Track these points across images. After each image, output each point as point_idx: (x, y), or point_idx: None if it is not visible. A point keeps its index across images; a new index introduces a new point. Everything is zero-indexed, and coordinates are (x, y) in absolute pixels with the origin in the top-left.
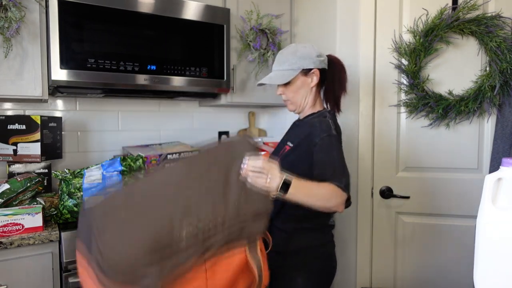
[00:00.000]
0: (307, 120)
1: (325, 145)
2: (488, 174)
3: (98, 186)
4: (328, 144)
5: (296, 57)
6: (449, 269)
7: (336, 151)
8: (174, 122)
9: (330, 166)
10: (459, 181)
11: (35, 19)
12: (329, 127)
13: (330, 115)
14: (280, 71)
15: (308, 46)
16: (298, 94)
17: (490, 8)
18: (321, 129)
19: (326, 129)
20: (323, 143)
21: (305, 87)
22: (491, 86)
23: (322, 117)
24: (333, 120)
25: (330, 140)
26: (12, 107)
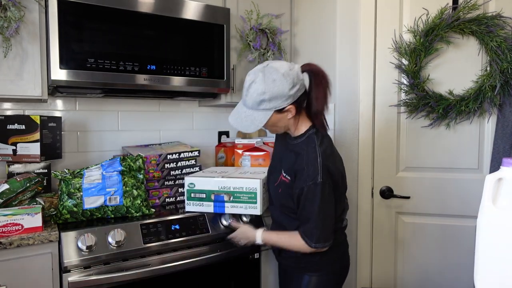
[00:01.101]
0: (296, 147)
1: (309, 195)
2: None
3: (98, 186)
4: (312, 193)
5: (265, 100)
6: (449, 269)
7: (318, 203)
8: (174, 122)
9: (307, 218)
10: (459, 181)
11: (35, 19)
12: (316, 171)
13: (317, 138)
14: (248, 116)
15: (278, 76)
16: (277, 126)
17: (490, 7)
18: (308, 175)
19: (313, 175)
20: (308, 191)
21: (282, 121)
22: (492, 86)
23: (309, 148)
24: (322, 149)
25: (315, 189)
26: (12, 107)
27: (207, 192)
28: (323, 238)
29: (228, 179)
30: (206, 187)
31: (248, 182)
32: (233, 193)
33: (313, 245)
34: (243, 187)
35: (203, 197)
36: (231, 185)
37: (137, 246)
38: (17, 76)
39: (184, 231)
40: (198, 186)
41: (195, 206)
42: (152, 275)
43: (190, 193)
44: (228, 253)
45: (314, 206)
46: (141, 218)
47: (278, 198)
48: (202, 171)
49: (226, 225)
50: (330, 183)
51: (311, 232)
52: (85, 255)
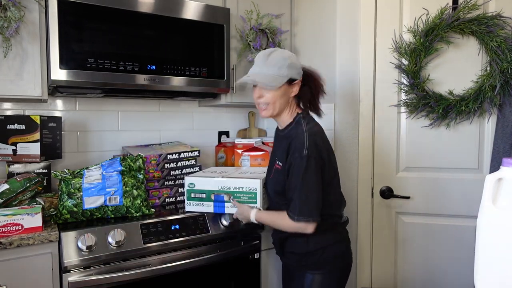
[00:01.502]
0: (287, 134)
1: (295, 168)
2: (489, 174)
3: (98, 186)
4: (298, 166)
5: (286, 64)
6: (449, 269)
7: (300, 175)
8: (174, 122)
9: (293, 193)
10: (459, 181)
11: (35, 19)
12: (302, 144)
13: (304, 120)
14: (269, 74)
15: (293, 54)
16: (279, 101)
17: (490, 7)
18: (295, 148)
19: (299, 147)
20: (294, 165)
21: (286, 95)
22: (492, 86)
23: (298, 129)
24: (309, 126)
25: (300, 162)
26: (12, 107)
27: (207, 192)
28: (307, 212)
29: (228, 179)
30: (206, 187)
31: (248, 182)
32: (233, 193)
33: (296, 218)
34: (243, 187)
35: (203, 197)
36: (231, 185)
37: (137, 246)
38: (17, 76)
39: (184, 231)
40: (198, 186)
41: (195, 206)
42: (152, 275)
43: (190, 193)
44: (228, 253)
45: (298, 179)
46: (141, 218)
47: (272, 188)
48: (202, 171)
49: (226, 225)
50: (317, 158)
51: (294, 205)
52: (85, 255)
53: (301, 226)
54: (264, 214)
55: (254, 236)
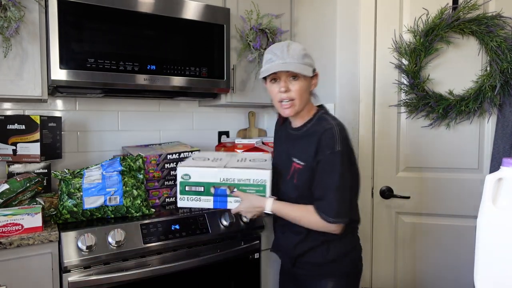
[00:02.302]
0: (309, 131)
1: (327, 165)
2: (489, 174)
3: (98, 186)
4: (331, 164)
5: (307, 54)
6: (449, 269)
7: (337, 173)
8: (174, 122)
9: (325, 190)
10: (459, 181)
11: (35, 19)
12: (333, 140)
13: (328, 116)
14: (298, 64)
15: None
16: (305, 95)
17: (490, 8)
18: (326, 144)
19: (330, 143)
20: (325, 162)
21: (308, 90)
22: (492, 86)
23: (323, 124)
24: (336, 122)
25: (333, 159)
26: (12, 107)
27: (206, 185)
28: (344, 213)
29: (232, 169)
30: (205, 179)
31: (256, 173)
32: (238, 186)
33: (331, 220)
34: (250, 179)
35: (201, 191)
36: (235, 177)
37: (137, 246)
38: (17, 76)
39: (184, 231)
40: (194, 178)
41: (190, 201)
42: (152, 275)
43: (184, 186)
44: (228, 253)
45: (333, 177)
46: (141, 218)
47: (294, 191)
48: (192, 158)
49: (226, 225)
50: (349, 154)
51: (330, 206)
52: (85, 255)
53: (333, 227)
54: (286, 206)
55: (254, 236)
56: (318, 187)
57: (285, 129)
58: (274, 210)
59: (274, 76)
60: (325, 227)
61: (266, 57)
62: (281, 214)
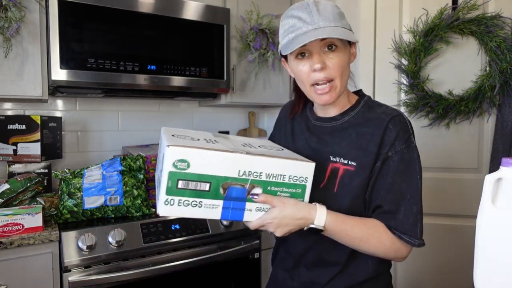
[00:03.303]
0: (358, 119)
1: (402, 165)
2: (488, 174)
3: (98, 186)
4: (407, 162)
5: (342, 14)
6: (449, 269)
7: (416, 176)
8: (174, 122)
9: (401, 203)
10: (459, 181)
11: (35, 19)
12: (407, 129)
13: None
14: (340, 27)
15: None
16: (345, 73)
17: (490, 8)
18: (398, 135)
19: (405, 135)
20: (399, 159)
21: (349, 64)
22: (491, 86)
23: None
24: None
25: (410, 155)
26: (12, 107)
27: (215, 181)
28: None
29: (259, 157)
30: (214, 171)
31: (297, 166)
32: (265, 185)
33: (417, 242)
34: (285, 175)
35: (205, 191)
36: (264, 170)
37: (137, 246)
38: (17, 76)
39: (184, 231)
40: (196, 168)
41: (182, 207)
42: (152, 275)
43: (177, 181)
44: (228, 253)
45: (412, 182)
46: (141, 218)
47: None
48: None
49: (226, 224)
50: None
51: (413, 222)
52: (86, 255)
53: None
54: (345, 218)
55: (254, 236)
56: (388, 195)
57: (303, 120)
58: (329, 225)
59: (302, 49)
60: (397, 253)
61: (288, 23)
62: (335, 232)
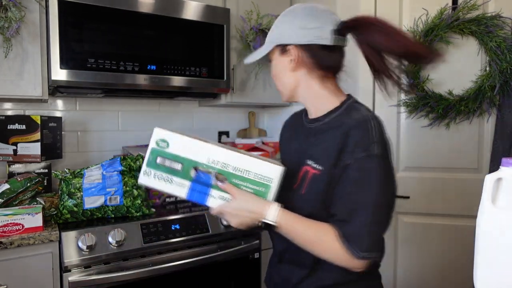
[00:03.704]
0: (334, 123)
1: (359, 174)
2: (488, 174)
3: (98, 186)
4: (365, 172)
5: (275, 24)
6: (449, 269)
7: (373, 187)
8: (174, 122)
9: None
10: (459, 181)
11: (35, 19)
12: (370, 137)
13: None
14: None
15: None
16: (278, 79)
17: (490, 8)
18: (358, 142)
19: (366, 142)
20: (357, 168)
21: (285, 71)
22: (491, 86)
23: (355, 115)
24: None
25: (369, 164)
26: (12, 107)
27: (187, 163)
28: (377, 245)
29: (230, 152)
30: (188, 154)
31: (264, 166)
32: (230, 177)
33: (361, 255)
34: (251, 172)
35: (177, 170)
36: (232, 163)
37: (137, 246)
38: (17, 76)
39: (184, 231)
40: (173, 149)
41: (157, 179)
42: (152, 275)
43: (156, 157)
44: (228, 253)
45: (367, 192)
46: (141, 218)
47: (301, 207)
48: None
49: (226, 224)
50: (389, 162)
51: (360, 233)
52: (86, 255)
53: (357, 264)
54: (299, 219)
55: (254, 236)
56: (342, 203)
57: (300, 123)
58: (280, 222)
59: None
60: (346, 262)
61: None
62: (287, 231)
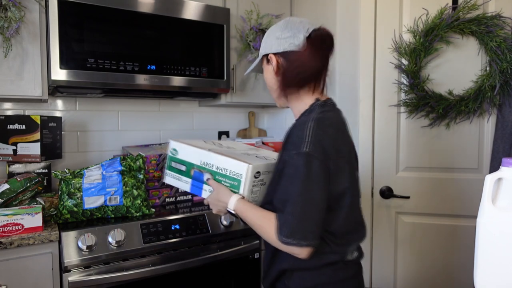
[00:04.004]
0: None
1: (290, 169)
2: (488, 174)
3: (98, 186)
4: (294, 167)
5: (263, 39)
6: (449, 269)
7: (299, 180)
8: (174, 122)
9: (284, 200)
10: (459, 181)
11: (35, 19)
12: (303, 137)
13: (323, 107)
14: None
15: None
16: (268, 86)
17: (490, 8)
18: (293, 141)
19: (298, 141)
20: (289, 163)
21: (271, 77)
22: (491, 86)
23: (306, 117)
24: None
25: (297, 161)
26: (12, 107)
27: (188, 165)
28: (300, 233)
29: (213, 154)
30: (188, 159)
31: (234, 164)
32: (215, 174)
33: (281, 238)
34: (227, 169)
35: (183, 170)
36: (214, 163)
37: (137, 246)
38: (17, 76)
39: (184, 231)
40: (180, 155)
41: (173, 178)
42: (152, 275)
43: (171, 161)
44: (228, 253)
45: (294, 185)
46: (141, 218)
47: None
48: (204, 141)
49: (226, 225)
50: (323, 160)
51: (285, 221)
52: (85, 255)
53: (291, 249)
54: (250, 208)
55: (254, 236)
56: (279, 195)
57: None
58: (236, 209)
59: None
60: (276, 243)
61: None
62: (243, 217)
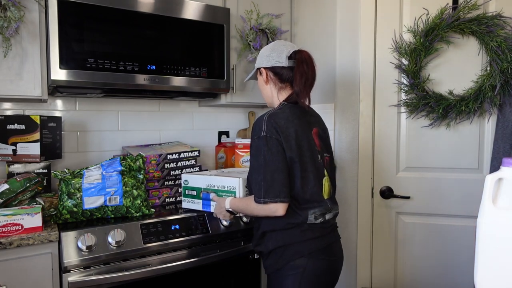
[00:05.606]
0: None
1: (254, 150)
2: (489, 174)
3: (98, 186)
4: (256, 148)
5: (258, 55)
6: (449, 269)
7: (261, 155)
8: (174, 122)
9: (252, 176)
10: (459, 181)
11: (35, 19)
12: (260, 126)
13: (283, 106)
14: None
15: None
16: (262, 92)
17: (490, 7)
18: (254, 131)
19: (257, 130)
20: (252, 147)
21: (262, 85)
22: (492, 86)
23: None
24: (276, 110)
25: (258, 143)
26: (12, 107)
27: (197, 190)
28: (272, 192)
29: (213, 177)
30: (196, 185)
31: (228, 180)
32: (217, 191)
33: (261, 200)
34: (225, 185)
35: (194, 194)
36: (215, 183)
37: (137, 246)
38: (17, 76)
39: (184, 231)
40: (191, 183)
41: (188, 203)
42: (152, 275)
43: (185, 190)
44: (228, 253)
45: (259, 160)
46: (141, 218)
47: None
48: (217, 171)
49: (226, 225)
50: (278, 139)
51: (259, 187)
52: (85, 255)
53: (270, 207)
54: (237, 200)
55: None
56: (251, 171)
57: None
58: (231, 206)
59: None
60: (264, 210)
61: None
62: (237, 210)
